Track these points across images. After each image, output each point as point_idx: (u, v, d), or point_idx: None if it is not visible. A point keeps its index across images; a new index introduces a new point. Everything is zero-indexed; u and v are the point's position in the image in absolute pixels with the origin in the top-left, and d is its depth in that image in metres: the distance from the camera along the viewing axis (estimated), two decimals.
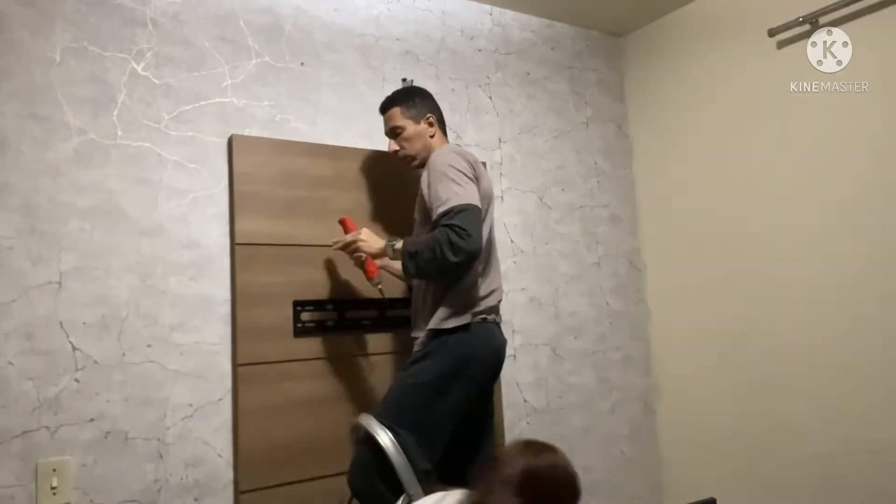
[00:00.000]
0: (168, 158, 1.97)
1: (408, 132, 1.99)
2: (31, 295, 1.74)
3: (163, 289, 1.91)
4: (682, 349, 2.81)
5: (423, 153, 1.99)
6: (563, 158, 2.82)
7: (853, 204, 2.26)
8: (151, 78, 1.98)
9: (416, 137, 1.99)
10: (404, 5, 2.50)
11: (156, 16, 2.01)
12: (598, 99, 2.98)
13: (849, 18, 2.27)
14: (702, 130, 2.75)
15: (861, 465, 2.21)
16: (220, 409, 1.95)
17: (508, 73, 2.73)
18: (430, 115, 2.02)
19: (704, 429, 2.71)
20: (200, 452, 1.90)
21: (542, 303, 2.66)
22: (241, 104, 2.11)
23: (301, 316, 2.08)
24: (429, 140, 2.00)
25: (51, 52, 1.85)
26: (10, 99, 1.78)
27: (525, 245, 2.66)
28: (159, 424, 1.86)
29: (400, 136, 2.01)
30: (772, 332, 2.47)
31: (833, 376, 2.29)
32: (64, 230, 1.81)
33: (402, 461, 1.72)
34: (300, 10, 2.27)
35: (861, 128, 2.24)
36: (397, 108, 2.01)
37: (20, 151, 1.78)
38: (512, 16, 2.78)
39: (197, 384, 1.93)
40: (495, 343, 1.90)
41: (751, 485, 2.52)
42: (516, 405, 2.53)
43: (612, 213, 2.94)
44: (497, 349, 1.90)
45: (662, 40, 2.93)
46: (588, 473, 2.67)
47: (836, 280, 2.30)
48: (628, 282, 2.93)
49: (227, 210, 2.04)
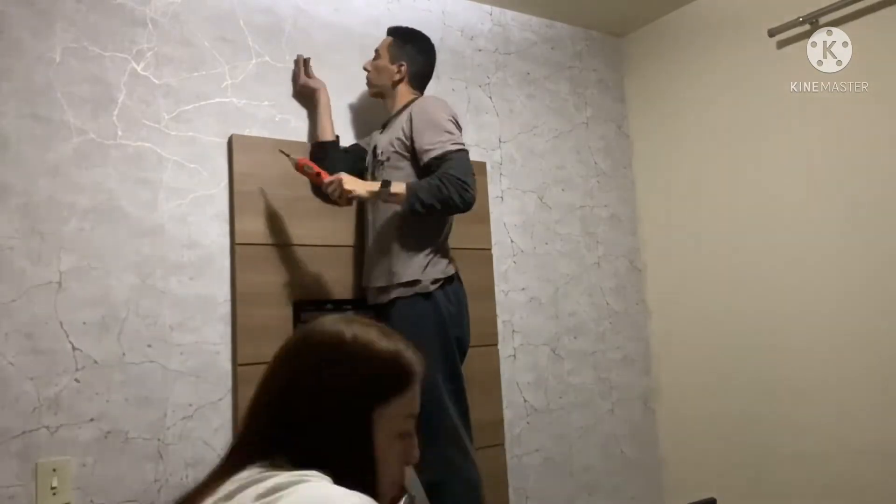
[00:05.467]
0: (168, 158, 1.97)
1: (380, 62, 2.13)
2: (31, 295, 1.74)
3: (163, 289, 1.91)
4: (682, 349, 2.81)
5: (381, 88, 2.15)
6: (563, 158, 2.82)
7: (853, 203, 2.26)
8: (151, 78, 1.98)
9: (383, 71, 2.12)
10: (404, 5, 2.50)
11: (156, 16, 2.01)
12: (598, 99, 2.98)
13: (849, 18, 2.27)
14: (702, 130, 2.75)
15: (861, 465, 2.21)
16: (220, 409, 1.95)
17: (508, 73, 2.73)
18: (405, 63, 2.10)
19: (704, 429, 2.70)
20: (201, 452, 1.90)
21: (542, 303, 2.66)
22: (241, 104, 2.11)
23: (301, 316, 2.08)
24: (391, 81, 2.11)
25: (51, 52, 1.85)
26: (9, 99, 1.78)
27: (525, 245, 2.65)
28: (159, 424, 1.86)
29: (374, 61, 2.16)
30: (772, 332, 2.47)
31: (833, 376, 2.29)
32: (64, 230, 1.81)
33: None
34: (300, 10, 2.27)
35: (861, 128, 2.24)
36: (390, 39, 2.15)
37: (20, 151, 1.78)
38: (512, 16, 2.78)
39: (197, 384, 1.93)
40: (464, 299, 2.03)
41: (751, 485, 2.52)
42: (516, 405, 2.53)
43: (612, 213, 2.94)
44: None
45: (662, 40, 2.93)
46: (588, 473, 2.67)
47: (836, 280, 2.30)
48: (628, 282, 2.93)
49: (227, 210, 2.04)
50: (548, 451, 2.58)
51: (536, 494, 2.52)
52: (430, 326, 1.89)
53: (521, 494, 2.48)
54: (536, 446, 2.55)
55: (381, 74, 2.13)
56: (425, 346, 0.98)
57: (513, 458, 2.47)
